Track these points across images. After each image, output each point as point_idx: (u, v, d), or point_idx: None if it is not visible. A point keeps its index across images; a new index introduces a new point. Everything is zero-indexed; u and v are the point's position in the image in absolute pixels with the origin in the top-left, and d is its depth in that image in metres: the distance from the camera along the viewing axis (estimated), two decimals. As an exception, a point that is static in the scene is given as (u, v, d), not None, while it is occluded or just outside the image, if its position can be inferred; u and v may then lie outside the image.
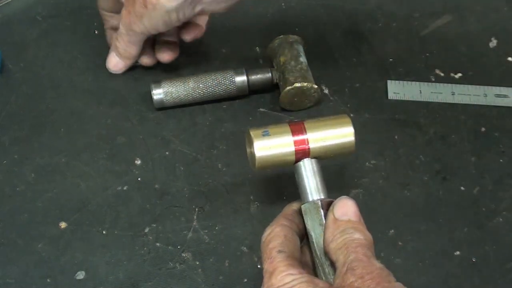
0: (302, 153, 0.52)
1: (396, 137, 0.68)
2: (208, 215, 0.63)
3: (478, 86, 0.72)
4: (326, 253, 0.47)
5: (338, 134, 0.53)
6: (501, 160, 0.66)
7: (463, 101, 0.71)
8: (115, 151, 0.68)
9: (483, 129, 0.69)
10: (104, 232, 0.61)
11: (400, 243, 0.60)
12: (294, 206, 0.52)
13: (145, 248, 0.60)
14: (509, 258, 0.59)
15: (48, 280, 0.58)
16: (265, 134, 0.52)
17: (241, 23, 0.80)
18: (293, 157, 0.52)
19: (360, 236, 0.46)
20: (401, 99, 0.72)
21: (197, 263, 0.59)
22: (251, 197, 0.64)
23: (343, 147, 0.53)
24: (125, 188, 0.65)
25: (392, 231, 0.61)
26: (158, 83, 0.70)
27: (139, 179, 0.65)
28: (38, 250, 0.60)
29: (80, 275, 0.59)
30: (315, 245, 0.49)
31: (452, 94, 0.72)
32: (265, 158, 0.52)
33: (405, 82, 0.73)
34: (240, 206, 0.63)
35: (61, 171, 0.66)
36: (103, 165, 0.66)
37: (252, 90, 0.71)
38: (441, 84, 0.73)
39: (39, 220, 0.62)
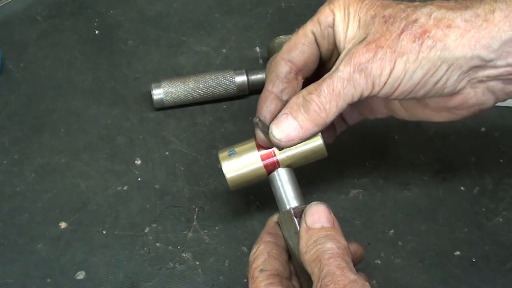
0: (272, 165, 0.52)
1: (396, 137, 0.68)
2: (208, 215, 0.63)
3: (478, 86, 0.72)
4: (303, 264, 0.46)
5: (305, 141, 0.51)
6: (501, 160, 0.66)
7: (463, 101, 0.71)
8: (115, 151, 0.68)
9: (483, 129, 0.69)
10: (104, 232, 0.61)
11: (400, 243, 0.60)
12: (274, 218, 0.52)
13: (145, 248, 0.60)
14: (509, 258, 0.59)
15: (48, 280, 0.58)
16: (232, 154, 0.53)
17: (241, 23, 0.80)
18: (263, 171, 0.52)
19: (332, 245, 0.44)
20: (401, 99, 0.72)
21: (197, 263, 0.59)
22: (251, 197, 0.64)
23: (313, 151, 0.52)
24: (125, 188, 0.65)
25: (392, 231, 0.61)
26: (158, 83, 0.70)
27: (139, 179, 0.65)
28: (38, 250, 0.60)
29: (80, 275, 0.59)
30: (294, 255, 0.49)
31: (452, 94, 0.72)
32: (235, 178, 0.53)
33: (405, 82, 0.73)
34: (240, 206, 0.63)
35: (61, 171, 0.66)
36: (103, 165, 0.66)
37: (252, 90, 0.71)
38: (441, 84, 0.73)
39: (39, 220, 0.62)
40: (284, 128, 0.49)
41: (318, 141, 0.52)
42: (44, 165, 0.66)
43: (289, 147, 0.51)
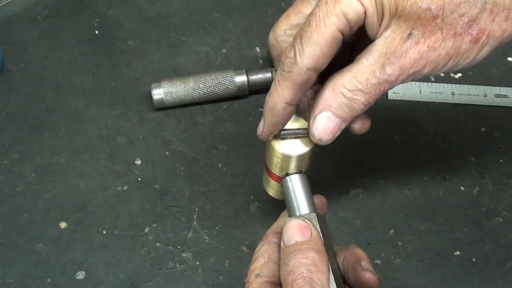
0: (277, 178, 0.52)
1: (396, 137, 0.68)
2: (208, 215, 0.63)
3: (478, 86, 0.72)
4: None
5: (271, 156, 0.50)
6: (501, 160, 0.66)
7: (463, 101, 0.71)
8: (115, 151, 0.68)
9: (483, 129, 0.69)
10: (104, 232, 0.61)
11: (400, 243, 0.60)
12: (286, 216, 0.50)
13: (145, 248, 0.60)
14: (509, 258, 0.59)
15: (48, 280, 0.58)
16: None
17: (241, 23, 0.80)
18: (277, 184, 0.52)
19: (295, 262, 0.42)
20: (401, 99, 0.72)
21: (197, 263, 0.59)
22: (251, 197, 0.64)
23: (291, 159, 0.49)
24: (125, 188, 0.65)
25: (392, 231, 0.61)
26: (158, 83, 0.70)
27: (139, 179, 0.65)
28: (38, 250, 0.60)
29: (80, 275, 0.59)
30: None
31: (452, 94, 0.72)
32: (277, 195, 0.54)
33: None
34: (240, 206, 0.63)
35: (61, 171, 0.66)
36: (103, 165, 0.66)
37: (252, 90, 0.71)
38: (441, 84, 0.73)
39: (39, 220, 0.62)
40: (327, 127, 0.47)
41: (303, 149, 0.49)
42: (44, 165, 0.66)
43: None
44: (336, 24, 0.43)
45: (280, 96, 0.46)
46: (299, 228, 0.44)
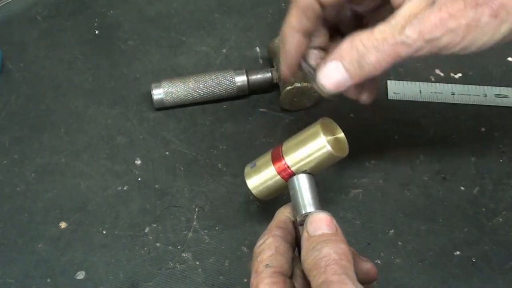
0: (288, 176, 0.52)
1: (396, 137, 0.68)
2: (208, 215, 0.63)
3: (478, 86, 0.72)
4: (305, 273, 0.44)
5: (312, 150, 0.51)
6: (501, 160, 0.66)
7: (463, 101, 0.71)
8: (115, 151, 0.68)
9: (483, 129, 0.69)
10: (104, 232, 0.61)
11: (400, 243, 0.60)
12: (287, 212, 0.50)
13: (145, 248, 0.60)
14: (509, 258, 0.59)
15: (48, 280, 0.58)
16: (252, 167, 0.54)
17: (241, 23, 0.80)
18: (282, 181, 0.53)
19: (329, 250, 0.42)
20: (401, 99, 0.72)
21: (197, 263, 0.59)
22: (251, 197, 0.63)
23: (324, 158, 0.51)
24: (125, 188, 0.65)
25: (392, 231, 0.61)
26: (158, 83, 0.70)
27: (139, 179, 0.65)
28: (38, 250, 0.60)
29: (80, 275, 0.59)
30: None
31: (452, 94, 0.72)
32: (261, 191, 0.55)
33: (405, 82, 0.73)
34: (240, 206, 0.63)
35: (61, 171, 0.66)
36: (103, 165, 0.66)
37: (252, 90, 0.71)
38: (441, 84, 0.73)
39: (39, 220, 0.62)
40: (334, 77, 0.47)
41: (325, 149, 0.51)
42: (44, 165, 0.66)
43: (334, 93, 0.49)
44: None
45: (288, 23, 0.48)
46: (326, 221, 0.45)
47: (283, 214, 0.50)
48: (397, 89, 0.72)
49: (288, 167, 0.52)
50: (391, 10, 0.46)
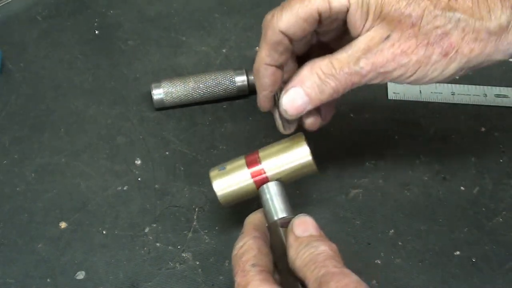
0: (261, 182, 0.53)
1: (396, 137, 0.68)
2: (208, 215, 0.63)
3: (478, 86, 0.72)
4: (293, 272, 0.46)
5: (293, 157, 0.53)
6: (501, 160, 0.66)
7: (463, 101, 0.71)
8: (115, 151, 0.68)
9: (483, 129, 0.69)
10: (104, 232, 0.61)
11: (400, 243, 0.60)
12: (259, 217, 0.52)
13: (145, 248, 0.60)
14: (509, 258, 0.59)
15: (48, 280, 0.58)
16: (222, 170, 0.54)
17: (241, 23, 0.80)
18: (253, 187, 0.54)
19: (325, 247, 0.45)
20: (401, 99, 0.72)
21: (197, 263, 0.59)
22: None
23: (303, 168, 0.53)
24: (125, 188, 0.65)
25: (392, 231, 0.61)
26: (158, 83, 0.70)
27: (139, 179, 0.65)
28: (38, 250, 0.60)
29: (80, 275, 0.59)
30: (278, 264, 0.49)
31: (452, 94, 0.72)
32: (226, 195, 0.54)
33: (405, 82, 0.73)
34: (240, 206, 0.63)
35: (61, 171, 0.66)
36: (103, 165, 0.66)
37: (252, 90, 0.71)
38: (441, 84, 0.73)
39: (39, 220, 0.62)
40: (295, 102, 0.50)
41: (307, 158, 0.53)
42: (44, 165, 0.66)
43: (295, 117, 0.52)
44: (319, 5, 0.47)
45: (260, 57, 0.50)
46: (312, 224, 0.47)
47: (256, 218, 0.52)
48: (397, 89, 0.72)
49: (264, 172, 0.53)
50: (353, 38, 0.49)
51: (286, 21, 0.47)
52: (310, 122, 0.54)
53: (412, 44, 0.46)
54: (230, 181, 0.54)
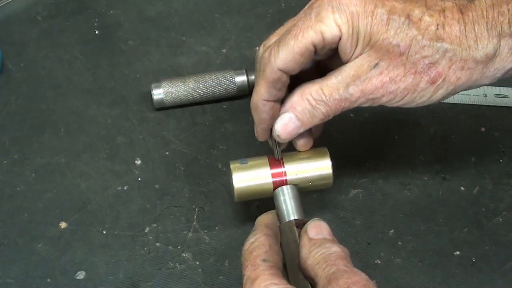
0: (280, 184, 0.54)
1: (396, 137, 0.68)
2: (208, 215, 0.63)
3: (478, 86, 0.72)
4: (303, 271, 0.47)
5: (315, 167, 0.55)
6: (501, 160, 0.66)
7: (463, 101, 0.71)
8: (115, 151, 0.68)
9: (483, 129, 0.69)
10: (104, 232, 0.61)
11: (400, 243, 0.60)
12: (270, 217, 0.53)
13: (145, 248, 0.60)
14: (509, 258, 0.59)
15: (48, 280, 0.58)
16: (243, 163, 0.55)
17: (241, 23, 0.80)
18: (271, 187, 0.55)
19: (337, 249, 0.46)
20: (401, 99, 0.72)
21: (197, 263, 0.59)
22: (251, 197, 0.64)
23: (321, 179, 0.56)
24: (125, 188, 0.65)
25: (392, 231, 0.61)
26: (158, 83, 0.70)
27: (139, 179, 0.65)
28: (38, 250, 0.60)
29: (80, 275, 0.59)
30: (288, 263, 0.49)
31: (452, 94, 0.72)
32: (243, 189, 0.55)
33: (405, 82, 0.73)
34: (240, 206, 0.63)
35: (61, 171, 0.66)
36: (103, 165, 0.66)
37: (252, 90, 0.71)
38: (441, 84, 0.73)
39: (39, 220, 0.62)
40: (288, 126, 0.52)
41: (327, 170, 0.55)
42: (44, 165, 0.66)
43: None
44: (313, 38, 0.48)
45: (258, 94, 0.51)
46: (326, 228, 0.49)
47: (268, 218, 0.53)
48: (397, 89, 0.72)
49: (285, 175, 0.54)
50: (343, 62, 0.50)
51: (283, 58, 0.49)
52: (302, 144, 0.56)
53: (400, 72, 0.48)
54: (250, 176, 0.55)
